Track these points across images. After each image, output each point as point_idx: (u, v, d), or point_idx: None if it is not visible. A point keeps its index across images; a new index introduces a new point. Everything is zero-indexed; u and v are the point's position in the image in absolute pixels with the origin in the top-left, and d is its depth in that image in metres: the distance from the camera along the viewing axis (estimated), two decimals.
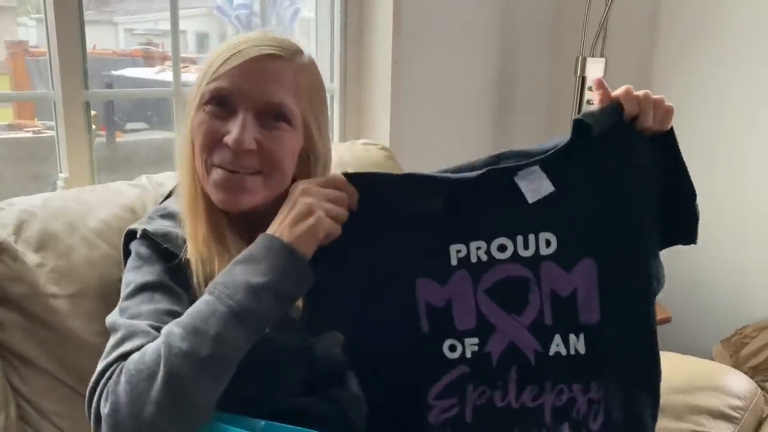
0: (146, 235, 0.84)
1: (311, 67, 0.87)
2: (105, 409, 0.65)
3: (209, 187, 0.83)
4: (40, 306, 0.95)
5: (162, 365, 0.64)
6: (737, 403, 1.01)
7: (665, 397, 1.02)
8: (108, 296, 0.97)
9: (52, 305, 0.95)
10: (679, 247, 0.84)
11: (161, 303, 0.77)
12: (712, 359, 1.77)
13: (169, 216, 0.89)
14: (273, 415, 0.78)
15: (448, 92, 1.93)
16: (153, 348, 0.67)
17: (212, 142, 0.81)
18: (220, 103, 0.81)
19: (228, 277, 0.69)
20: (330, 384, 0.88)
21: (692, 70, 1.94)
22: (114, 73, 3.09)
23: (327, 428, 0.77)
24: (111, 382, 0.66)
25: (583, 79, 1.94)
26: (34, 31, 1.42)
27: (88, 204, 1.07)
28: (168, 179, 1.18)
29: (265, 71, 0.81)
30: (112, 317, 0.77)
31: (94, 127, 1.95)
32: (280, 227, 0.71)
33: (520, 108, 2.14)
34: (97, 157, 1.44)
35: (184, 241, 0.82)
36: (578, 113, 1.97)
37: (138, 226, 0.87)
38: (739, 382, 1.04)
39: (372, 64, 1.78)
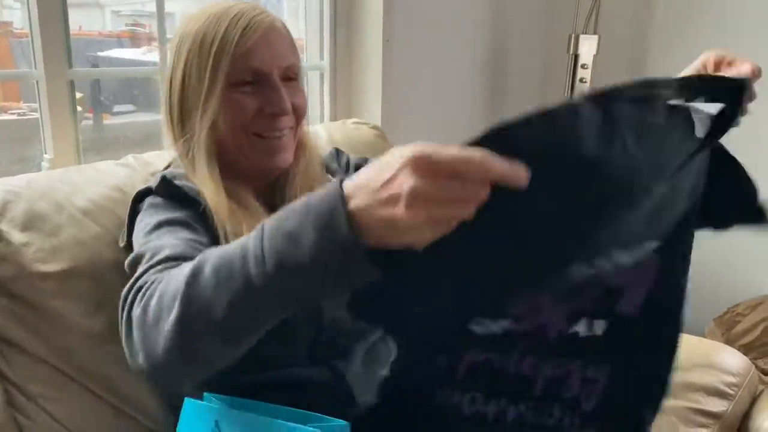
0: (167, 181, 0.86)
1: (280, 19, 0.93)
2: (136, 311, 0.65)
3: (252, 155, 0.88)
4: (27, 287, 0.93)
5: (178, 303, 0.60)
6: (732, 379, 1.01)
7: None
8: (98, 276, 0.96)
9: (40, 286, 0.93)
10: None
11: (184, 233, 0.78)
12: (705, 337, 1.78)
13: (177, 177, 0.90)
14: (275, 383, 0.79)
15: (440, 71, 1.91)
16: (180, 277, 0.61)
17: (252, 115, 0.86)
18: (254, 79, 0.86)
19: (276, 232, 0.55)
20: (334, 355, 0.88)
21: (688, 47, 1.93)
22: (100, 54, 3.05)
23: (328, 398, 0.79)
24: (146, 287, 0.66)
25: (576, 57, 1.92)
26: (19, 14, 1.39)
27: (75, 184, 1.04)
28: (155, 158, 1.16)
29: (276, 38, 0.87)
30: (133, 255, 0.77)
31: (80, 109, 1.92)
32: (364, 201, 0.50)
33: (513, 87, 2.13)
34: (85, 140, 1.42)
35: (198, 194, 0.85)
36: (571, 91, 1.95)
37: (150, 184, 0.90)
38: (734, 359, 1.04)
39: (362, 42, 1.76)
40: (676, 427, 0.98)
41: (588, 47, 1.91)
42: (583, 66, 1.93)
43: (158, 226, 0.79)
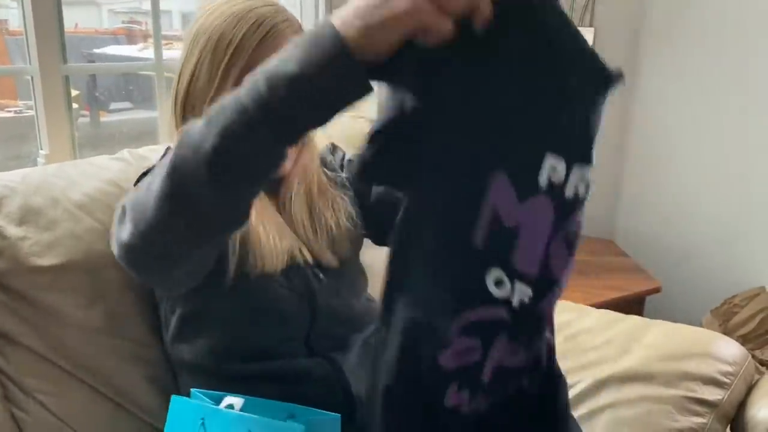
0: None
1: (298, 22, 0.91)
2: (120, 210, 0.67)
3: None
4: (23, 281, 0.93)
5: (170, 160, 0.58)
6: (728, 368, 1.01)
7: (656, 364, 1.03)
8: (93, 270, 0.95)
9: (35, 280, 0.93)
10: (669, 218, 0.83)
11: None
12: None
13: None
14: (273, 375, 0.79)
15: None
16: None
17: None
18: None
19: (265, 66, 0.55)
20: (331, 347, 0.88)
21: (683, 40, 1.93)
22: (96, 51, 3.06)
23: (325, 390, 0.80)
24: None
25: None
26: (15, 12, 1.40)
27: (70, 178, 1.04)
28: (150, 153, 1.16)
29: (284, 42, 0.83)
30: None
31: (77, 106, 1.91)
32: (349, 7, 0.52)
33: None
34: (82, 136, 1.42)
35: None
36: None
37: (154, 163, 0.89)
38: (730, 348, 1.04)
39: None
40: (672, 415, 0.98)
41: None
42: None
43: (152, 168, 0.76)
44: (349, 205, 0.97)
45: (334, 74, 0.52)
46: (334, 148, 1.09)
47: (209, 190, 0.58)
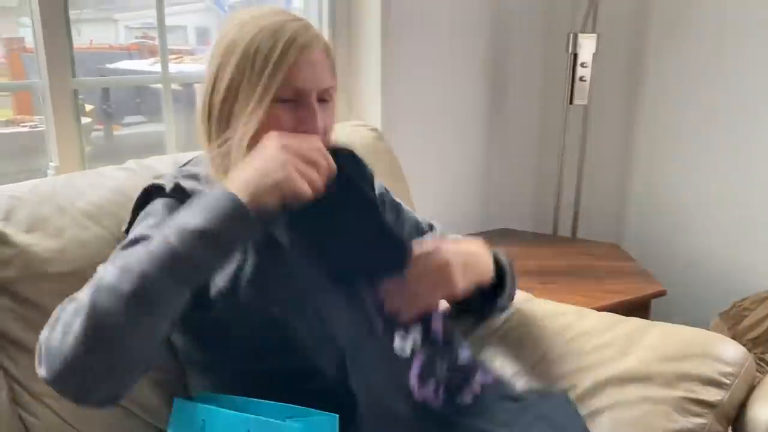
0: (180, 189, 0.89)
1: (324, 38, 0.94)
2: (41, 337, 0.70)
3: None
4: (31, 288, 0.96)
5: (88, 298, 0.66)
6: (727, 369, 1.01)
7: (656, 366, 1.03)
8: None
9: (43, 286, 0.96)
10: (675, 221, 0.84)
11: None
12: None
13: (194, 177, 0.93)
14: (282, 371, 0.83)
15: (439, 71, 1.92)
16: (88, 285, 0.70)
17: (290, 132, 0.85)
18: (292, 98, 0.86)
19: (174, 219, 0.72)
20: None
21: (687, 45, 1.93)
22: (109, 66, 3.11)
23: (331, 402, 0.79)
24: (51, 316, 0.71)
25: (575, 56, 1.93)
26: (30, 31, 1.44)
27: (78, 188, 1.07)
28: (156, 162, 1.19)
29: (321, 61, 0.88)
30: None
31: (90, 120, 1.95)
32: (242, 174, 0.74)
33: (513, 86, 2.14)
34: (95, 150, 1.45)
35: None
36: (571, 90, 1.96)
37: (164, 182, 0.91)
38: (730, 349, 1.04)
39: (361, 44, 1.78)
40: (672, 416, 0.98)
41: (587, 46, 1.92)
42: (583, 65, 1.94)
43: (133, 242, 0.79)
44: None
45: (235, 226, 0.71)
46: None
47: (128, 327, 0.66)
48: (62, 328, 0.67)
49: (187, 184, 0.90)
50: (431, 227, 1.14)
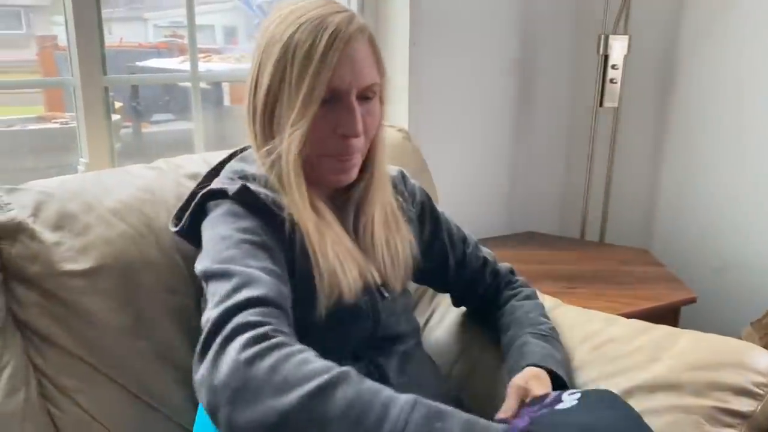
0: (248, 191, 0.83)
1: (369, 28, 0.88)
2: (242, 355, 0.62)
3: (319, 172, 0.88)
4: (58, 284, 0.97)
5: (295, 399, 0.59)
6: (761, 379, 0.98)
7: (686, 374, 1.01)
8: (125, 274, 0.98)
9: (69, 283, 0.97)
10: (706, 227, 0.82)
11: (266, 262, 0.77)
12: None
13: (248, 179, 0.88)
14: None
15: (468, 73, 1.91)
16: (313, 375, 0.61)
17: (326, 134, 0.84)
18: (331, 98, 0.83)
19: (423, 422, 0.59)
20: (375, 354, 0.91)
21: (719, 46, 1.89)
22: (139, 63, 3.15)
23: None
24: (235, 342, 0.63)
25: (606, 58, 1.90)
26: (63, 29, 1.47)
27: (106, 185, 1.08)
28: (185, 161, 1.19)
29: (362, 55, 0.83)
30: (215, 264, 0.75)
31: (119, 117, 1.98)
32: None
33: (542, 88, 2.11)
34: (125, 147, 1.47)
35: (276, 203, 0.84)
36: (601, 93, 1.93)
37: (225, 186, 0.86)
38: (763, 359, 1.01)
39: (389, 46, 1.77)
40: (702, 426, 0.95)
41: (618, 48, 1.89)
42: (614, 67, 1.91)
43: (240, 243, 0.77)
44: (412, 236, 1.00)
45: None
46: (404, 177, 1.09)
47: None
48: (261, 378, 0.61)
49: (252, 186, 0.85)
50: (464, 241, 1.12)
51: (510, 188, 2.14)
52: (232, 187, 0.84)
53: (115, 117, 1.83)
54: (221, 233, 0.80)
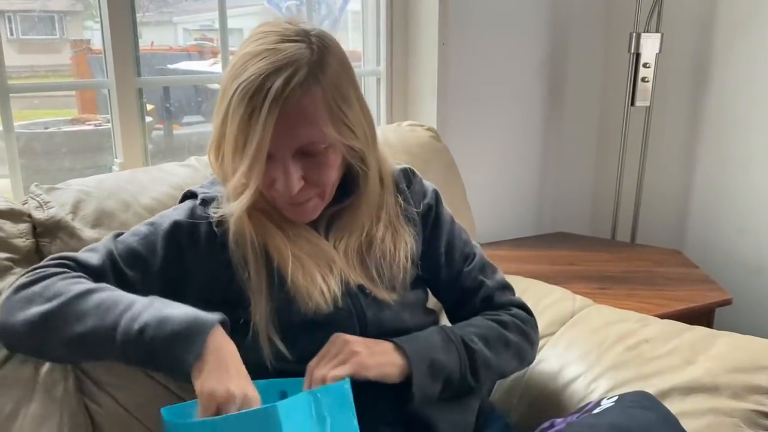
0: (195, 215, 0.90)
1: (328, 59, 0.82)
2: (22, 279, 0.82)
3: (279, 207, 0.89)
4: None
5: (51, 305, 0.77)
6: None
7: (723, 376, 0.99)
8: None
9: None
10: (741, 227, 0.80)
11: (142, 247, 0.87)
12: None
13: (214, 198, 0.92)
14: None
15: (497, 72, 1.90)
16: (75, 287, 0.78)
17: (269, 185, 0.84)
18: (270, 156, 0.81)
19: (155, 311, 0.75)
20: None
21: (753, 44, 1.86)
22: (170, 66, 3.20)
23: (366, 386, 0.80)
24: (41, 269, 0.82)
25: (638, 56, 1.88)
26: (98, 33, 1.50)
27: (141, 183, 1.10)
28: None
29: (299, 115, 0.79)
30: (103, 238, 0.91)
31: (151, 119, 2.02)
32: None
33: (572, 87, 2.09)
34: (156, 148, 1.50)
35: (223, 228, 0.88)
36: (633, 92, 1.91)
37: (198, 189, 0.94)
38: None
39: (418, 45, 1.77)
40: (741, 429, 0.93)
41: (650, 46, 1.87)
42: (645, 65, 1.88)
43: (135, 242, 0.88)
44: (412, 240, 0.95)
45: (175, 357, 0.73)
46: (412, 174, 1.03)
47: (61, 349, 0.78)
48: (24, 300, 0.79)
49: (213, 191, 0.92)
50: (466, 258, 1.03)
51: (540, 188, 2.12)
52: (201, 194, 0.92)
53: (147, 119, 1.86)
54: (138, 227, 0.91)
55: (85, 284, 0.79)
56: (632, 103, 1.93)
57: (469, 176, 1.53)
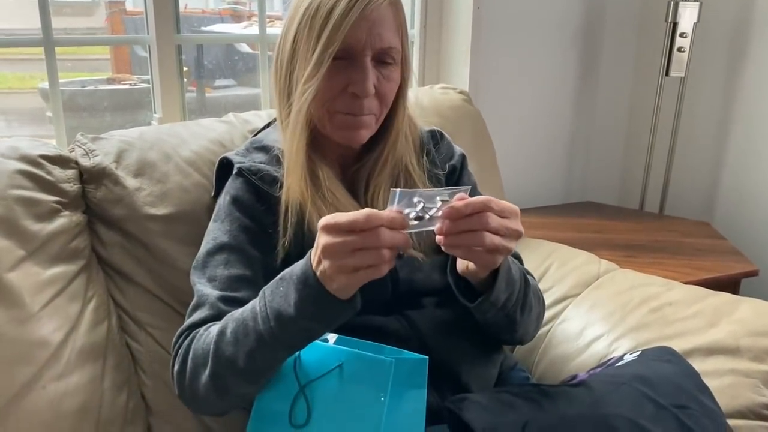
0: (241, 174, 0.91)
1: None
2: (175, 368, 0.84)
3: (329, 128, 0.90)
4: (138, 227, 1.03)
5: (210, 361, 0.78)
6: None
7: (745, 340, 1.00)
8: (199, 220, 1.03)
9: (149, 227, 1.03)
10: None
11: (235, 268, 0.87)
12: None
13: (263, 149, 0.95)
14: (348, 330, 0.82)
15: (531, 38, 1.89)
16: (209, 339, 0.79)
17: (337, 92, 0.86)
18: (345, 56, 0.85)
19: (274, 296, 0.74)
20: (407, 305, 0.92)
21: None
22: (204, 29, 3.24)
23: (399, 343, 0.81)
24: (181, 349, 0.83)
25: (675, 25, 1.85)
26: None
27: (181, 137, 1.13)
28: (253, 117, 1.24)
29: (378, 17, 0.84)
30: (194, 273, 0.90)
31: (186, 80, 2.05)
32: (326, 270, 0.69)
33: (606, 56, 2.07)
34: (189, 109, 1.53)
35: (275, 180, 0.90)
36: (668, 62, 1.89)
37: (234, 156, 0.95)
38: None
39: (453, 8, 1.77)
40: (759, 390, 0.94)
41: (688, 15, 1.84)
42: (682, 35, 1.86)
43: (218, 249, 0.88)
44: None
45: (324, 315, 0.72)
46: (440, 136, 1.04)
47: (245, 385, 0.79)
48: (190, 374, 0.82)
49: (256, 157, 0.93)
50: None
51: (569, 157, 2.12)
52: (237, 162, 0.93)
53: None
54: (212, 229, 0.92)
55: (213, 328, 0.80)
56: (667, 74, 1.91)
57: (500, 141, 1.54)
